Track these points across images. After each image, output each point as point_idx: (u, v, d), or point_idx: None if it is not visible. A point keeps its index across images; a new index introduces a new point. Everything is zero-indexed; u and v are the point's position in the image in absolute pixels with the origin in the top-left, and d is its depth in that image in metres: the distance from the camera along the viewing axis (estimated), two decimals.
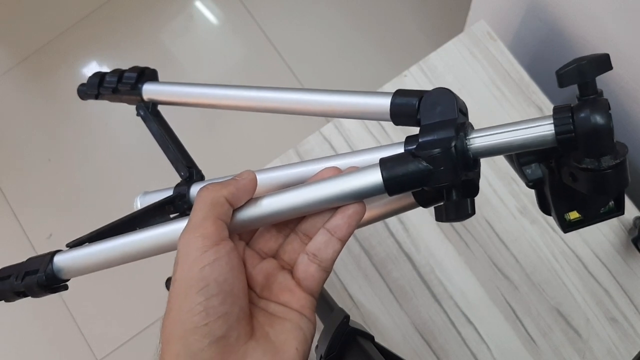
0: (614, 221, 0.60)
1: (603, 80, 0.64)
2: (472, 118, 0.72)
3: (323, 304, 0.53)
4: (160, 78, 0.47)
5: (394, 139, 0.64)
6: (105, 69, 0.46)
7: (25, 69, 1.46)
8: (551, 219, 0.51)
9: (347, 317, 0.47)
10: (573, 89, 0.26)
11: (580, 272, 0.59)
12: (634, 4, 0.49)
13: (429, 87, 0.66)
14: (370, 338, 0.48)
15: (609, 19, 0.54)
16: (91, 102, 0.48)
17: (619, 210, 0.29)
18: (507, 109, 0.64)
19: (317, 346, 0.48)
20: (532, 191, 0.32)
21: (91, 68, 1.43)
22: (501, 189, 0.62)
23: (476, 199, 0.66)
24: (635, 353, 0.57)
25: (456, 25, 1.24)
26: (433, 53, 0.66)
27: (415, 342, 0.59)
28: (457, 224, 0.61)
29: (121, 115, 1.38)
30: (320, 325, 0.53)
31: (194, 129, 1.30)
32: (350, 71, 1.36)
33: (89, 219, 1.32)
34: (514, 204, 0.61)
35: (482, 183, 0.62)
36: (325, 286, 0.60)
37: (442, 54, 0.66)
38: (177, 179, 0.43)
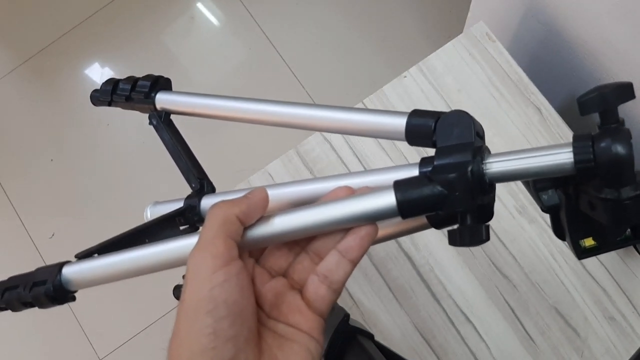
0: None
1: (601, 80, 0.65)
2: None
3: None
4: None
5: (396, 143, 0.65)
6: (108, 70, 0.46)
7: (28, 70, 1.47)
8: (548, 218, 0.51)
9: (347, 315, 0.48)
10: (573, 88, 0.26)
11: (578, 272, 0.59)
12: (632, 5, 0.50)
13: (429, 88, 0.67)
14: (370, 336, 0.48)
15: (607, 20, 0.55)
16: None
17: (636, 238, 0.28)
18: (506, 110, 0.64)
19: None
20: None
21: (94, 69, 1.44)
22: (500, 188, 0.62)
23: None
24: (633, 352, 0.57)
25: (455, 26, 1.25)
26: (432, 54, 0.67)
27: (415, 340, 0.59)
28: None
29: (122, 116, 1.38)
30: None
31: (192, 128, 1.30)
32: (350, 72, 1.37)
33: (91, 219, 1.33)
34: (513, 203, 0.62)
35: None
36: None
37: (441, 55, 0.66)
38: (180, 181, 0.44)
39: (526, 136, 0.63)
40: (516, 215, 0.61)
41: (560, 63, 0.68)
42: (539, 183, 0.30)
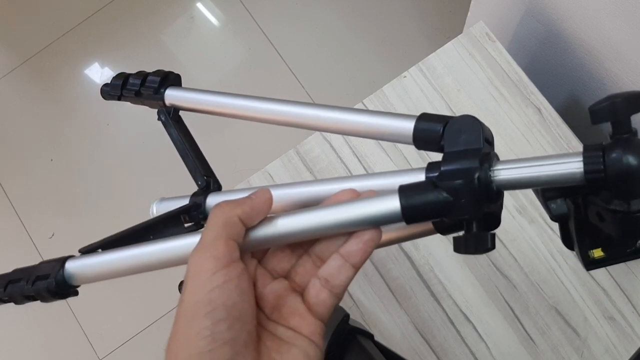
0: None
1: (600, 80, 0.65)
2: None
3: None
4: None
5: (397, 144, 0.65)
6: (107, 70, 0.46)
7: (28, 70, 1.47)
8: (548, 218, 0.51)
9: (347, 315, 0.48)
10: (573, 88, 0.26)
11: (578, 271, 0.60)
12: (631, 5, 0.50)
13: (428, 88, 0.67)
14: (370, 336, 0.48)
15: (607, 20, 0.55)
16: (93, 103, 0.49)
17: None
18: (506, 110, 0.64)
19: None
20: (531, 191, 0.31)
21: (94, 69, 1.44)
22: None
23: None
24: (633, 352, 0.57)
25: (455, 26, 1.25)
26: (432, 54, 0.67)
27: (415, 340, 0.59)
28: None
29: (122, 115, 1.39)
30: None
31: (191, 127, 1.31)
32: (350, 71, 1.37)
33: (91, 219, 1.33)
34: (513, 203, 0.62)
35: None
36: None
37: (441, 55, 0.67)
38: (182, 181, 0.43)
39: (526, 136, 0.63)
40: (516, 215, 0.61)
41: (560, 63, 0.68)
42: (547, 192, 0.29)
